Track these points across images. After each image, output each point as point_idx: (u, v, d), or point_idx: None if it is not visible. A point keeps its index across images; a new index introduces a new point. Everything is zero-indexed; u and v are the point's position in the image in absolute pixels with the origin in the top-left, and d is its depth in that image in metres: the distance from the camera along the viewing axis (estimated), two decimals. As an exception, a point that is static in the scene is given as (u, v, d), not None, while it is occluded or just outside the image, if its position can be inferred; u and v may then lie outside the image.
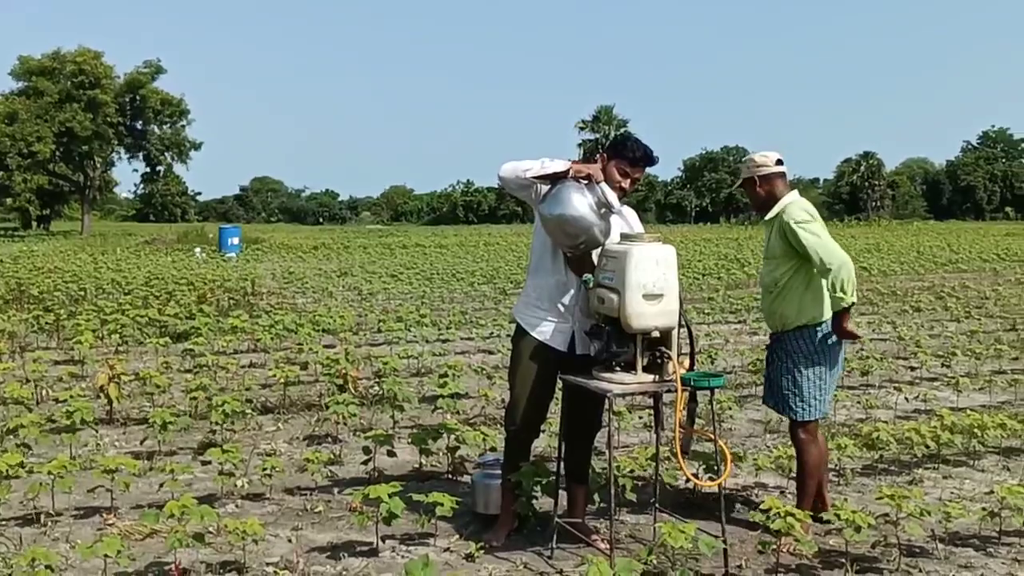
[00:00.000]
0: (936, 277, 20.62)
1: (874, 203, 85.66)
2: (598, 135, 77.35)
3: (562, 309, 4.23)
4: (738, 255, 28.12)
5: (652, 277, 3.88)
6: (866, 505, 4.75)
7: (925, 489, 5.28)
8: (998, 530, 4.51)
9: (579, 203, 3.94)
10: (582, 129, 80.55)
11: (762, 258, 4.77)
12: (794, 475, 5.40)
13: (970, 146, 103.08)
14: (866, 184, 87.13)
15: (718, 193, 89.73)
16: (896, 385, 7.53)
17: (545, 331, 4.24)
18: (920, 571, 4.09)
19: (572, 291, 4.21)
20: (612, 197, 4.12)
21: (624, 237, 4.05)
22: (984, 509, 4.59)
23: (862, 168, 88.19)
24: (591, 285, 4.02)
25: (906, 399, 7.24)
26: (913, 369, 8.89)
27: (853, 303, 4.36)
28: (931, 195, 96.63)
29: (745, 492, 5.21)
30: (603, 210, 4.00)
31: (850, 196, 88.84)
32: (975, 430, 5.80)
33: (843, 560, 4.11)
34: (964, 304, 14.27)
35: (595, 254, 4.13)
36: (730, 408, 6.37)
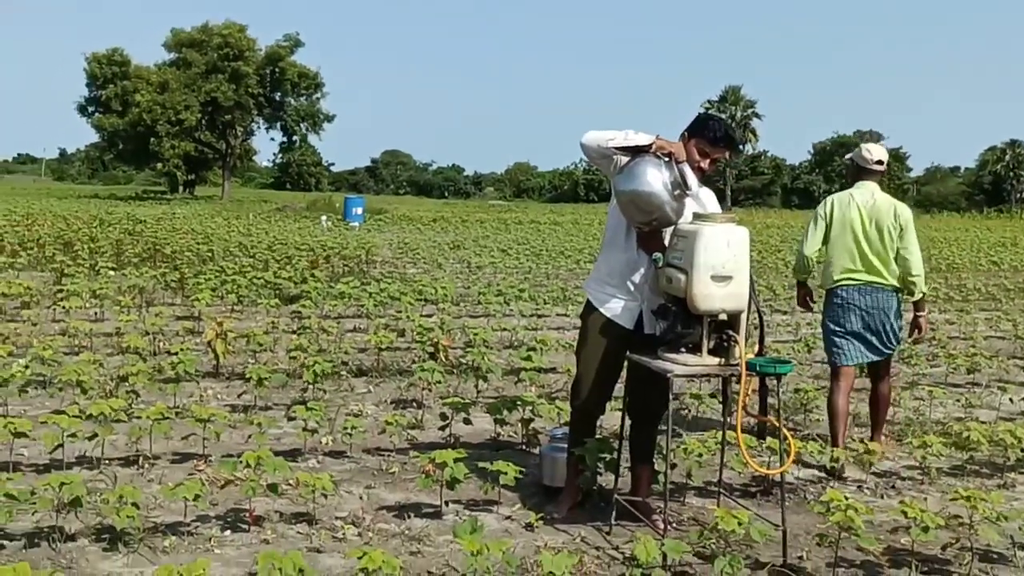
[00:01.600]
0: (1075, 275, 19.35)
1: (1019, 194, 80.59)
2: (725, 116, 75.54)
3: (631, 287, 4.24)
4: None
5: (722, 258, 3.83)
6: (946, 506, 4.59)
7: (1015, 494, 5.05)
8: (1087, 541, 4.28)
9: (654, 179, 3.92)
10: (708, 109, 78.78)
11: None
12: (875, 471, 5.29)
13: None
14: (1011, 174, 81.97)
15: (848, 178, 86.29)
16: (1003, 385, 7.17)
17: (614, 308, 4.26)
18: (994, 577, 3.94)
19: (642, 269, 4.20)
20: (691, 178, 4.08)
21: (696, 217, 4.01)
22: (1075, 519, 4.36)
23: (1007, 157, 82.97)
24: (660, 264, 4.01)
25: (1011, 400, 6.89)
26: (1028, 370, 8.43)
27: (799, 282, 5.95)
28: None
29: (820, 484, 5.10)
30: (678, 190, 3.97)
31: (992, 186, 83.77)
32: (1080, 437, 5.47)
33: (911, 560, 4.00)
34: (1100, 305, 13.37)
35: (667, 234, 4.11)
36: (816, 399, 6.22)
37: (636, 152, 4.01)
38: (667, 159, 3.96)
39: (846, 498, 3.89)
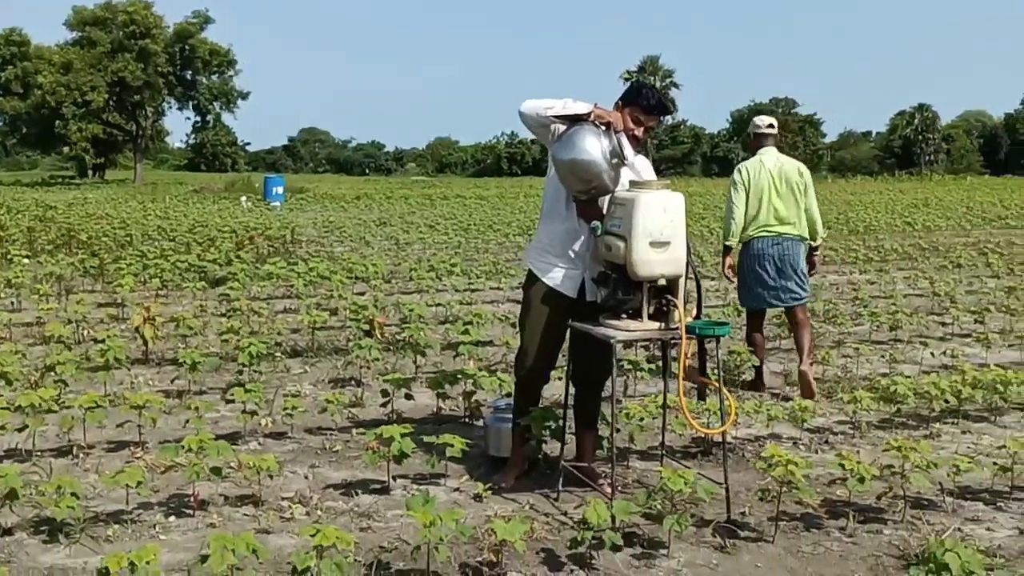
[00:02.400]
0: (983, 233, 20.18)
1: (928, 157, 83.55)
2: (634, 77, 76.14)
3: (572, 256, 4.27)
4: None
5: (659, 224, 3.89)
6: (877, 458, 4.76)
7: (942, 444, 5.27)
8: (1010, 485, 4.50)
9: (592, 147, 3.94)
10: (627, 79, 79.29)
11: None
12: (808, 427, 5.46)
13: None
14: (920, 137, 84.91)
15: (751, 149, 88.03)
16: (924, 340, 7.46)
17: (555, 277, 4.29)
18: (926, 523, 4.11)
19: (583, 238, 4.24)
20: (627, 148, 4.13)
21: (633, 184, 4.06)
22: (996, 464, 4.58)
23: (916, 121, 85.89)
24: (599, 232, 4.05)
25: (932, 355, 7.18)
26: (945, 325, 8.78)
27: (727, 245, 6.51)
28: (988, 149, 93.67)
29: (757, 442, 5.25)
30: (616, 159, 4.01)
31: (903, 150, 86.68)
32: (998, 386, 5.74)
33: (848, 510, 4.15)
34: (1007, 260, 13.98)
35: (604, 203, 4.15)
36: (749, 360, 6.37)
37: (574, 121, 4.03)
38: (605, 128, 3.99)
39: (785, 454, 4.01)
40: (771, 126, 6.56)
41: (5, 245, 14.04)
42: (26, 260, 11.84)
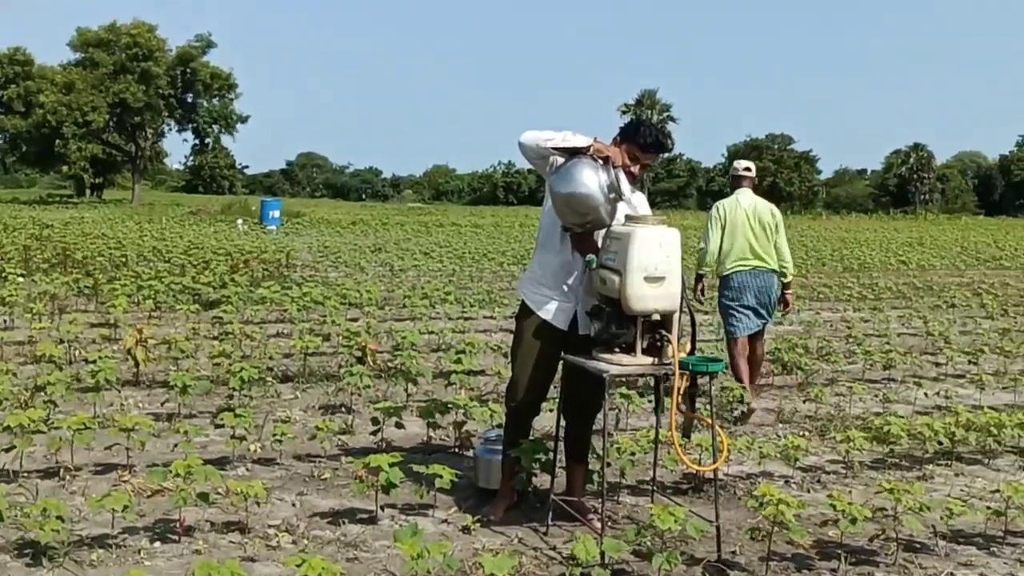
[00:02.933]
0: (977, 274, 20.25)
1: (922, 196, 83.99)
2: (633, 115, 76.62)
3: (566, 289, 4.27)
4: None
5: (654, 259, 3.89)
6: (870, 499, 4.74)
7: (935, 486, 5.25)
8: (1004, 529, 4.47)
9: (590, 180, 3.95)
10: (624, 112, 79.81)
11: None
12: (801, 466, 5.43)
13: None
14: (915, 176, 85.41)
15: (761, 181, 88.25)
16: (918, 380, 7.46)
17: (549, 309, 4.28)
18: (919, 567, 4.08)
19: (577, 271, 4.24)
20: (624, 183, 4.14)
21: (628, 219, 4.07)
22: (989, 508, 4.55)
23: (911, 160, 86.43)
24: (594, 266, 4.05)
25: (926, 395, 7.17)
26: (939, 365, 8.78)
27: (700, 274, 7.09)
28: (983, 190, 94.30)
29: (749, 479, 5.22)
30: (613, 194, 4.02)
31: (898, 188, 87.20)
32: (992, 428, 5.73)
33: (839, 552, 4.12)
34: (1001, 302, 14.00)
35: (599, 236, 4.15)
36: (742, 396, 6.36)
37: (573, 154, 4.04)
38: (603, 162, 4.00)
39: (777, 492, 3.98)
40: (748, 169, 7.22)
41: (0, 263, 14.00)
42: (21, 278, 11.79)
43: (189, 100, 59.02)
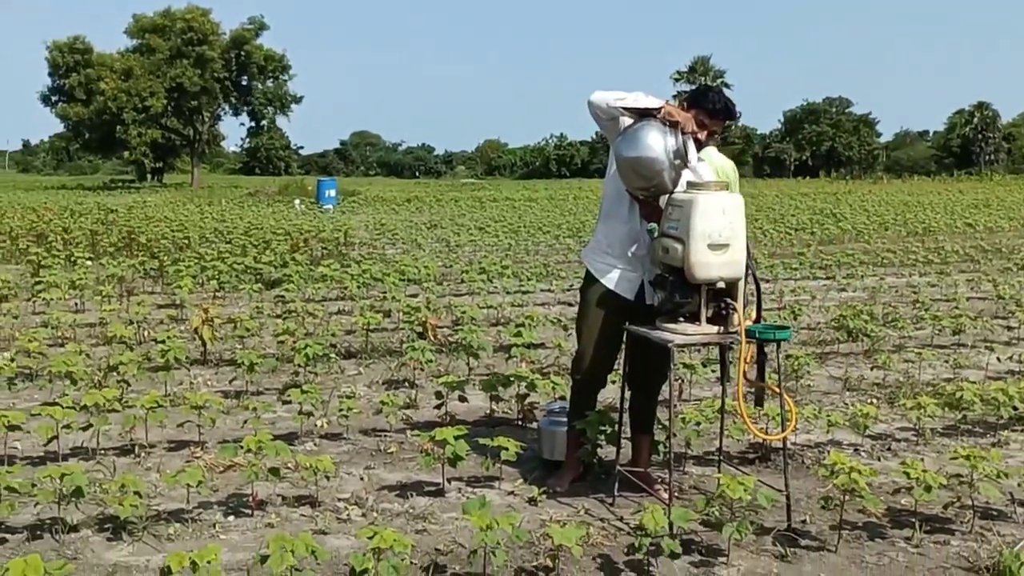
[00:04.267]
0: (1049, 235, 19.62)
1: (988, 156, 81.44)
2: (694, 86, 75.47)
3: (631, 257, 4.22)
4: (835, 210, 27.28)
5: (718, 226, 3.83)
6: (943, 466, 4.64)
7: (1011, 452, 5.12)
8: (1084, 495, 4.34)
9: (657, 143, 3.89)
10: (677, 80, 78.83)
11: None
12: (870, 434, 5.33)
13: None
14: (979, 136, 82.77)
15: (819, 146, 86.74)
16: (989, 345, 7.26)
17: (613, 278, 4.25)
18: (997, 535, 3.98)
19: (643, 240, 4.18)
20: (692, 151, 4.07)
21: (690, 185, 4.00)
22: (1069, 473, 4.42)
23: (975, 120, 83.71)
24: (656, 235, 4.00)
25: (998, 359, 6.97)
26: (1010, 329, 8.54)
27: None
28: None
29: (817, 448, 5.15)
30: (679, 160, 3.96)
31: (961, 149, 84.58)
32: (1068, 393, 5.55)
33: (913, 520, 4.04)
34: (1076, 263, 13.55)
35: (663, 203, 4.10)
36: (807, 364, 6.26)
37: (642, 115, 3.97)
38: (672, 127, 3.94)
39: (848, 461, 3.92)
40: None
41: (69, 247, 14.39)
42: (89, 262, 12.12)
43: (244, 83, 59.67)
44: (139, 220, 21.44)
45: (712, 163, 6.63)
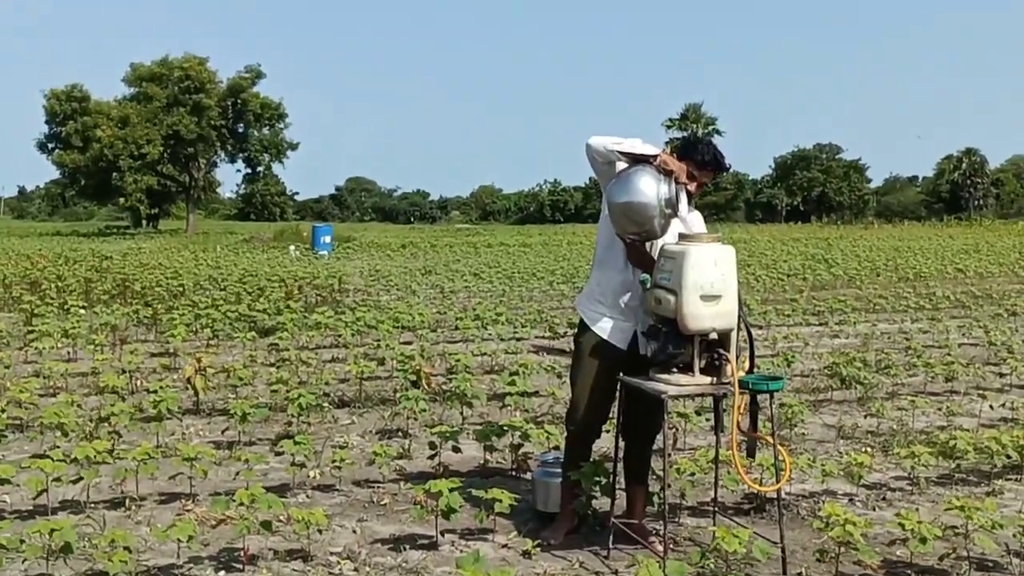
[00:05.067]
0: (1039, 280, 19.72)
1: (976, 202, 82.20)
2: (686, 133, 76.32)
3: (623, 307, 4.24)
4: (827, 255, 27.42)
5: (710, 278, 3.86)
6: (938, 516, 4.63)
7: (1005, 501, 5.10)
8: (1080, 546, 4.33)
9: (649, 189, 3.94)
10: (669, 127, 79.71)
11: None
12: (865, 483, 5.31)
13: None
14: (968, 182, 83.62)
15: (810, 192, 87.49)
16: (982, 392, 7.27)
17: (606, 327, 4.26)
18: (992, 586, 3.97)
19: (636, 290, 4.21)
20: (683, 201, 4.12)
21: (683, 237, 4.04)
22: (1064, 523, 4.40)
23: (963, 165, 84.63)
24: (649, 286, 4.03)
25: (991, 407, 6.98)
26: (1003, 376, 8.55)
27: None
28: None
29: (812, 498, 5.13)
30: (670, 209, 4.00)
31: (950, 195, 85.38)
32: (1062, 441, 5.55)
33: (909, 572, 4.02)
34: (1067, 309, 13.60)
35: (653, 250, 4.14)
36: (801, 412, 6.26)
37: (637, 161, 4.03)
38: (666, 175, 3.99)
39: (843, 512, 3.91)
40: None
41: (63, 295, 14.38)
42: (82, 310, 12.09)
43: (240, 130, 60.13)
44: (134, 267, 21.45)
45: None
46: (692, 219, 4.30)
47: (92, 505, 4.85)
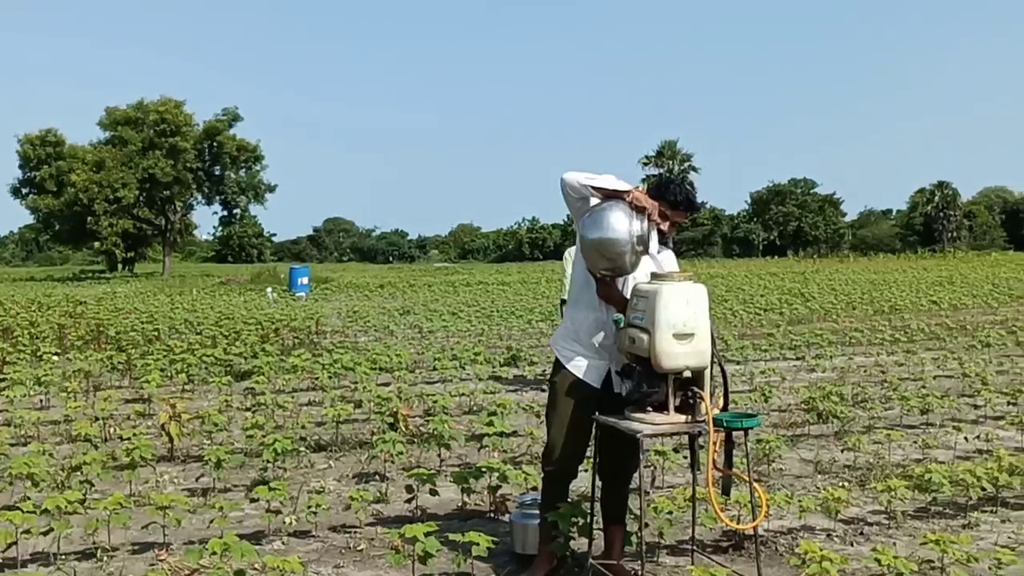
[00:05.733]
0: (1010, 311, 19.96)
1: (950, 234, 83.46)
2: (662, 170, 77.16)
3: (597, 346, 4.26)
4: (803, 289, 27.65)
5: (682, 316, 3.88)
6: (915, 550, 4.64)
7: (981, 534, 5.13)
8: (1056, 577, 4.35)
9: (621, 225, 3.97)
10: (646, 164, 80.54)
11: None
12: (842, 518, 5.32)
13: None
14: (941, 214, 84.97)
15: (786, 226, 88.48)
16: (957, 424, 7.33)
17: (580, 366, 4.27)
18: (970, 619, 3.97)
19: (609, 328, 4.22)
20: (654, 240, 4.15)
21: (655, 276, 4.07)
22: (1040, 555, 4.43)
23: (936, 198, 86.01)
24: (622, 325, 4.05)
25: (966, 439, 7.03)
26: (977, 407, 8.63)
27: (563, 299, 8.22)
28: (1011, 225, 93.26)
29: (790, 534, 5.13)
30: (641, 246, 4.04)
31: (924, 227, 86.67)
32: (1036, 472, 5.60)
33: (887, 606, 4.01)
34: (1039, 339, 13.78)
35: (625, 289, 4.16)
36: (778, 448, 6.27)
37: (610, 197, 4.06)
38: (638, 212, 4.02)
39: (820, 549, 3.91)
40: None
41: (36, 342, 14.22)
42: (56, 357, 11.96)
43: (217, 173, 60.09)
44: (108, 312, 21.27)
45: None
46: (664, 258, 4.33)
47: (63, 557, 4.77)
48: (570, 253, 9.37)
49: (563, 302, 8.84)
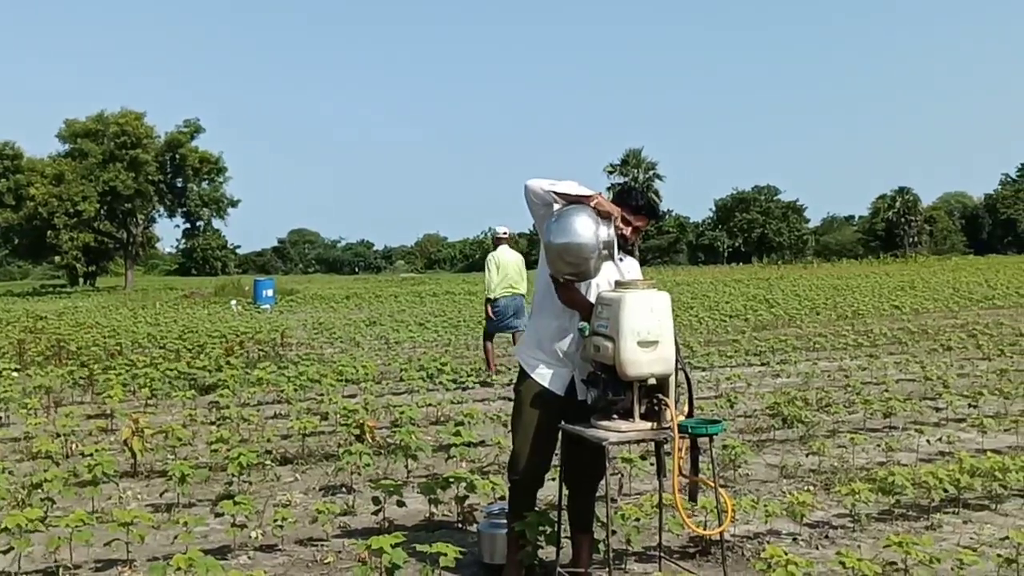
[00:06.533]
0: (971, 314, 20.31)
1: (911, 239, 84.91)
2: (627, 178, 77.69)
3: (560, 354, 4.27)
4: (768, 295, 27.93)
5: (646, 324, 3.91)
6: (879, 552, 4.69)
7: (944, 535, 5.20)
8: (1016, 576, 4.42)
9: (586, 230, 3.97)
10: (611, 172, 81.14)
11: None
12: (808, 522, 5.38)
13: (1009, 179, 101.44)
14: (902, 220, 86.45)
15: (750, 233, 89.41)
16: (919, 427, 7.43)
17: (544, 374, 4.27)
18: (933, 619, 4.02)
19: (572, 336, 4.23)
20: (615, 245, 4.17)
21: (618, 284, 4.09)
22: (1000, 556, 4.51)
23: (897, 204, 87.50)
24: (587, 333, 4.06)
25: (928, 441, 7.13)
26: (939, 410, 8.76)
27: (488, 298, 11.65)
28: (970, 229, 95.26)
29: (756, 539, 5.17)
30: (606, 250, 4.05)
31: (886, 232, 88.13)
32: (996, 473, 5.70)
33: (852, 608, 4.05)
34: (997, 342, 14.03)
35: (590, 294, 4.18)
36: (744, 453, 6.32)
37: (574, 203, 4.08)
38: (605, 218, 4.04)
39: (785, 553, 3.95)
40: (505, 232, 11.96)
41: (-7, 358, 13.95)
42: (15, 373, 11.75)
43: (179, 185, 59.43)
44: (69, 327, 20.94)
45: (502, 258, 11.19)
46: (627, 265, 4.36)
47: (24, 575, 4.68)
48: (493, 257, 11.51)
49: (488, 300, 11.48)
